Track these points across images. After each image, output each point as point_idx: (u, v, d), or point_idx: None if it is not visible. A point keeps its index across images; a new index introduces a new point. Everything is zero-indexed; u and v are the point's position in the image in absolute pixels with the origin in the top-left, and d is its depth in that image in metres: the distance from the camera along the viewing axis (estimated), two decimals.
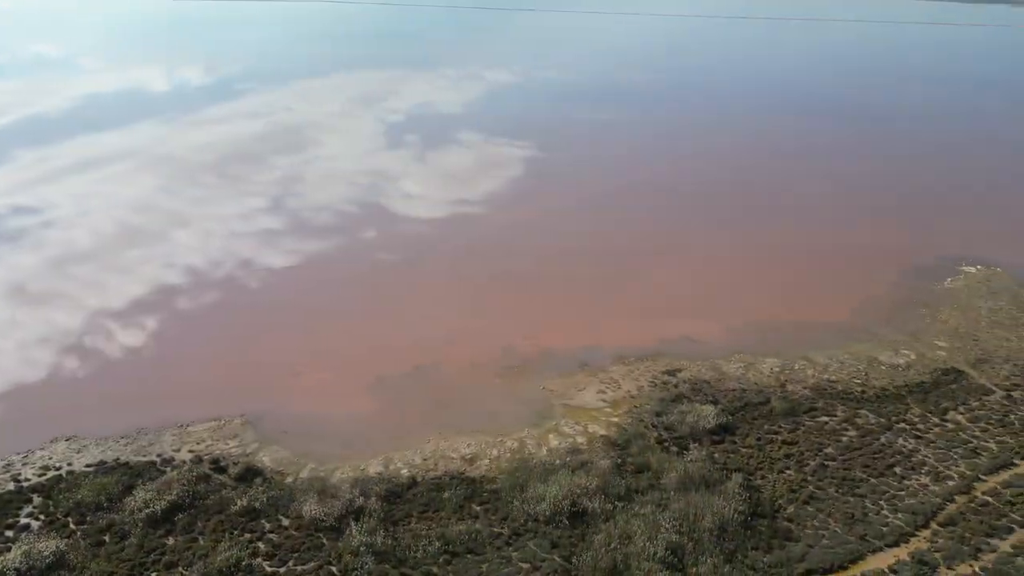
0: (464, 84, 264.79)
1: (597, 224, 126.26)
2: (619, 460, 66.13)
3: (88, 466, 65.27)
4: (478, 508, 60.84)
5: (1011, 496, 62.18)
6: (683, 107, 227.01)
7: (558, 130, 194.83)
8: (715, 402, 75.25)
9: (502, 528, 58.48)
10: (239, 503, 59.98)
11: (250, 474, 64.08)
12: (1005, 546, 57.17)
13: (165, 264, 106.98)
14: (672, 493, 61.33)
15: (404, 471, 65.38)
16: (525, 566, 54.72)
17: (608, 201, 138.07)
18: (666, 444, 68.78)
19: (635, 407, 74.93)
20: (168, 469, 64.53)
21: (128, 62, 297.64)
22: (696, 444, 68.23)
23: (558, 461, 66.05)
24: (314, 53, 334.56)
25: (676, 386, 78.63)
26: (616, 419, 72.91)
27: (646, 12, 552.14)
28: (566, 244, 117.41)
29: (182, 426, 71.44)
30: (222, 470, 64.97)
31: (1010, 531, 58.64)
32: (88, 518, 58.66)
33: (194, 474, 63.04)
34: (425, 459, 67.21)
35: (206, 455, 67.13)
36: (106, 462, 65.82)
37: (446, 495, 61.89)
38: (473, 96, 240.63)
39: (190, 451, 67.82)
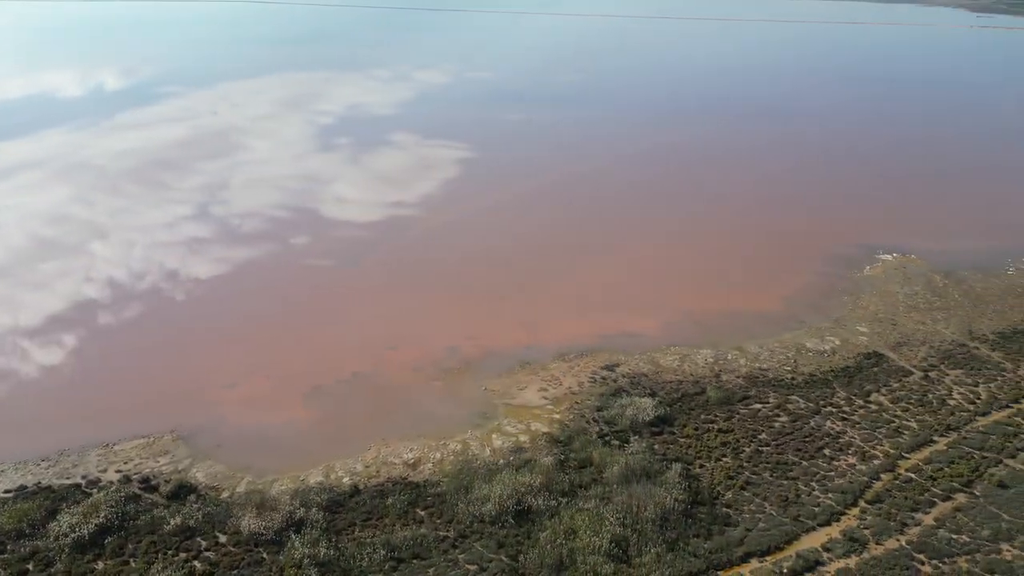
0: (395, 85, 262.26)
1: (533, 223, 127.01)
2: (562, 456, 66.67)
3: (7, 492, 61.76)
4: (423, 513, 60.33)
5: (932, 472, 65.52)
6: (611, 106, 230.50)
7: (491, 130, 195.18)
8: (653, 394, 76.71)
9: (448, 531, 58.16)
10: (172, 522, 57.80)
11: (183, 491, 61.84)
12: (928, 519, 60.22)
13: (84, 278, 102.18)
14: (615, 486, 62.20)
15: (346, 479, 64.26)
16: (472, 568, 54.56)
17: (542, 200, 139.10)
18: (607, 438, 69.71)
19: (576, 403, 75.68)
20: (94, 491, 61.64)
21: (40, 66, 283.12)
22: (636, 437, 69.41)
23: (502, 461, 66.12)
24: (239, 55, 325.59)
25: (615, 380, 79.80)
26: (558, 416, 73.47)
27: (572, 12, 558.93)
28: (503, 243, 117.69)
29: (108, 445, 68.34)
30: (153, 489, 62.49)
31: (932, 505, 61.80)
32: (9, 547, 55.50)
33: (123, 494, 60.45)
34: (367, 466, 66.23)
35: (135, 474, 64.42)
36: (26, 487, 62.42)
37: (390, 501, 61.14)
38: (404, 97, 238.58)
39: (117, 471, 64.95)
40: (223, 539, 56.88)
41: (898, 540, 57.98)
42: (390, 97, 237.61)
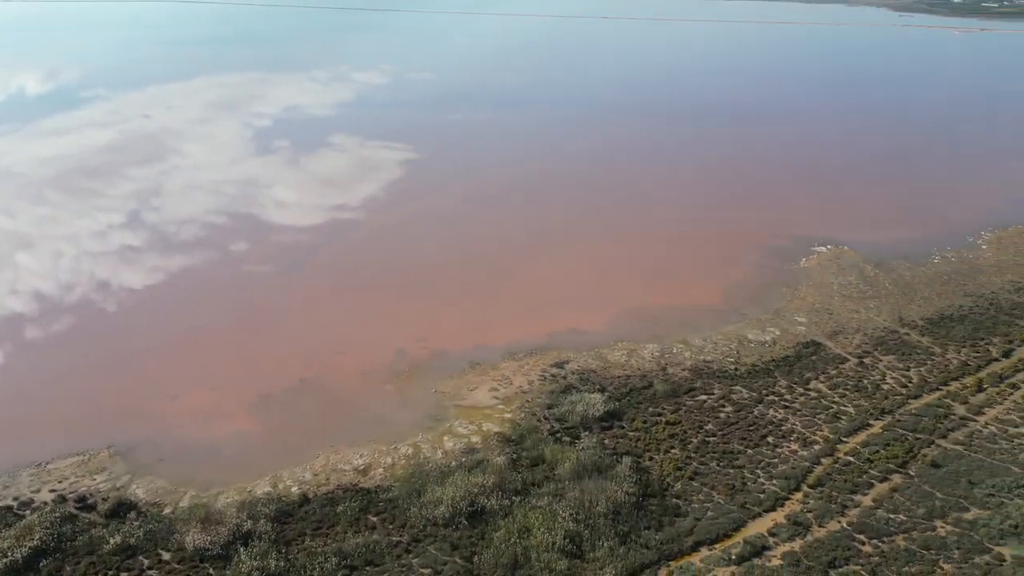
0: (334, 86, 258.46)
1: (477, 223, 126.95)
2: (514, 455, 66.81)
3: None
4: (375, 519, 59.60)
5: (869, 455, 68.10)
6: (550, 107, 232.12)
7: (433, 131, 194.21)
8: (602, 390, 77.58)
9: (401, 536, 57.60)
10: (112, 541, 55.64)
11: (123, 509, 59.62)
12: (867, 501, 62.57)
13: (8, 290, 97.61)
14: (567, 483, 62.67)
15: (294, 489, 62.98)
16: (426, 571, 54.15)
17: (486, 200, 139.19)
18: (559, 435, 70.18)
19: (527, 402, 75.94)
20: (27, 512, 58.88)
21: None
22: (587, 432, 70.08)
23: (454, 462, 65.85)
24: (171, 56, 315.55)
25: (565, 377, 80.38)
26: (509, 415, 73.59)
27: (509, 12, 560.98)
28: (448, 244, 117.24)
29: (40, 464, 65.33)
30: (90, 508, 60.02)
31: (870, 486, 64.25)
32: None
33: (58, 515, 57.89)
34: (316, 474, 65.04)
35: (70, 493, 61.76)
36: None
37: (340, 509, 60.20)
38: (344, 98, 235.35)
39: (52, 490, 62.14)
40: (166, 556, 55.05)
41: (839, 522, 60.05)
42: (329, 98, 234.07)
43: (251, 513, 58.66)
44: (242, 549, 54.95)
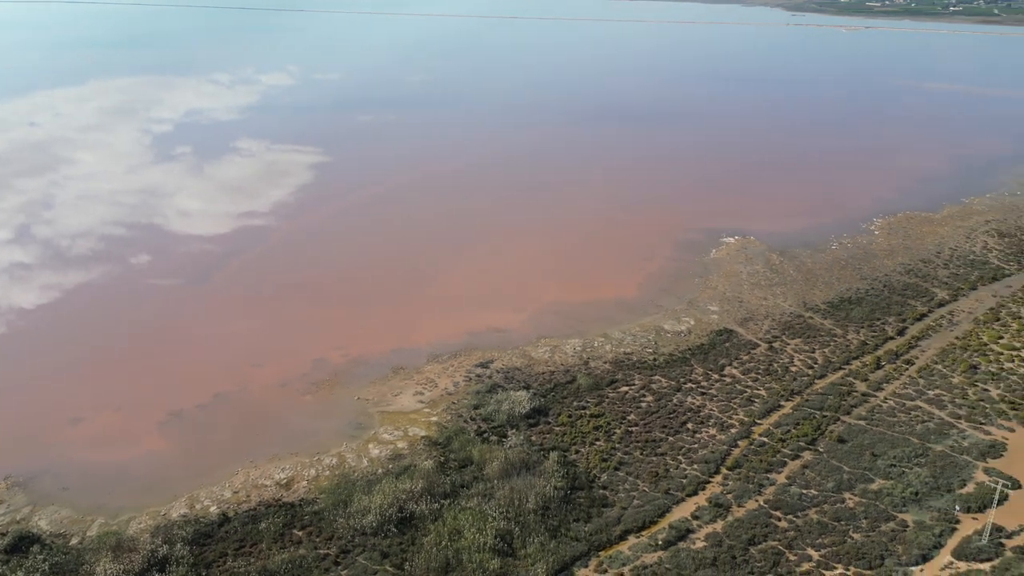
0: (237, 89, 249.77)
1: (392, 224, 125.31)
2: (442, 458, 66.36)
3: None
4: (300, 533, 57.94)
5: (781, 434, 71.34)
6: (461, 107, 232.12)
7: (342, 133, 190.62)
8: (528, 387, 78.09)
9: (328, 548, 56.23)
10: None
11: (24, 543, 55.68)
12: (781, 478, 65.56)
13: None
14: (496, 482, 62.77)
15: (213, 508, 60.42)
16: None
17: (400, 201, 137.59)
18: (486, 435, 70.17)
19: (453, 403, 75.55)
20: None
21: None
22: (514, 430, 70.38)
23: (380, 470, 64.80)
24: (60, 60, 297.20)
25: (490, 377, 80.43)
26: (435, 418, 73.01)
27: (417, 13, 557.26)
28: (363, 248, 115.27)
29: None
30: None
31: (784, 465, 67.34)
32: None
33: None
34: (236, 492, 62.61)
35: None
36: None
37: (263, 526, 58.21)
38: (249, 101, 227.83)
39: None
40: None
41: (757, 501, 62.67)
42: (233, 102, 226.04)
43: (167, 537, 55.95)
44: (158, 575, 52.28)
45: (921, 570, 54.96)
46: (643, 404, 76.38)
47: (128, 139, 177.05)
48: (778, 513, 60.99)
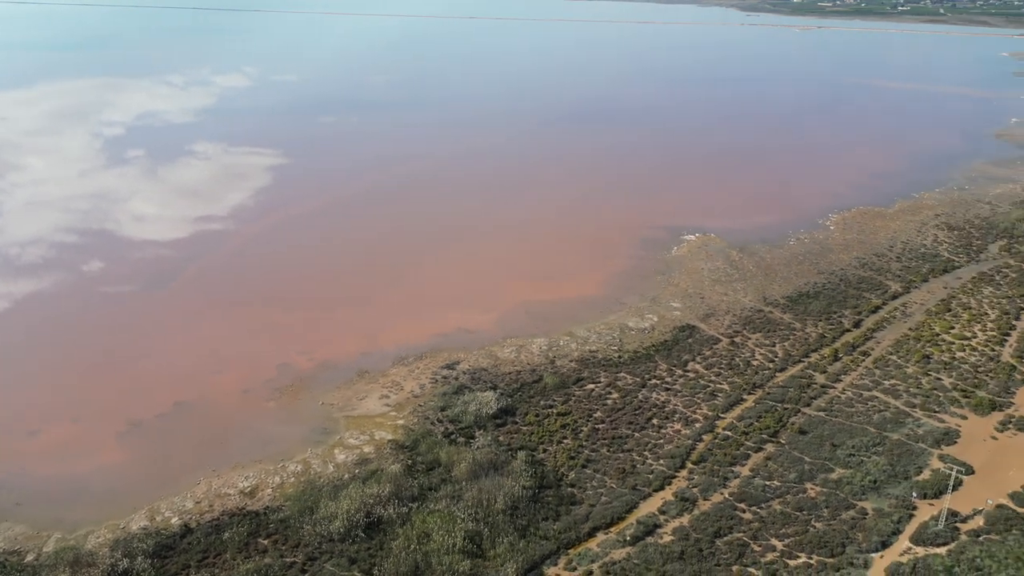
0: (193, 91, 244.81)
1: (355, 227, 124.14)
2: (409, 461, 65.96)
3: None
4: (265, 542, 57.06)
5: (744, 428, 72.57)
6: (424, 108, 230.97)
7: (301, 135, 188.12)
8: (494, 387, 78.06)
9: (295, 556, 55.49)
10: None
11: None
12: (745, 471, 66.69)
13: None
14: (464, 483, 62.62)
15: (174, 520, 59.14)
16: None
17: (362, 203, 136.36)
18: (453, 437, 69.95)
19: (420, 406, 75.13)
20: None
21: None
22: (481, 431, 70.29)
23: (347, 475, 64.14)
24: (5, 62, 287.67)
25: (457, 378, 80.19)
26: (402, 421, 72.53)
27: (374, 13, 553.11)
28: (326, 251, 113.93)
29: None
30: None
31: (747, 457, 68.50)
32: None
33: None
34: (198, 502, 61.37)
35: None
36: None
37: (227, 536, 57.19)
38: (205, 103, 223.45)
39: None
40: None
41: (722, 493, 63.64)
42: (188, 104, 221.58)
43: (127, 551, 54.61)
44: None
45: (881, 556, 56.41)
46: (609, 401, 76.96)
47: (79, 143, 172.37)
48: (743, 505, 62.02)
